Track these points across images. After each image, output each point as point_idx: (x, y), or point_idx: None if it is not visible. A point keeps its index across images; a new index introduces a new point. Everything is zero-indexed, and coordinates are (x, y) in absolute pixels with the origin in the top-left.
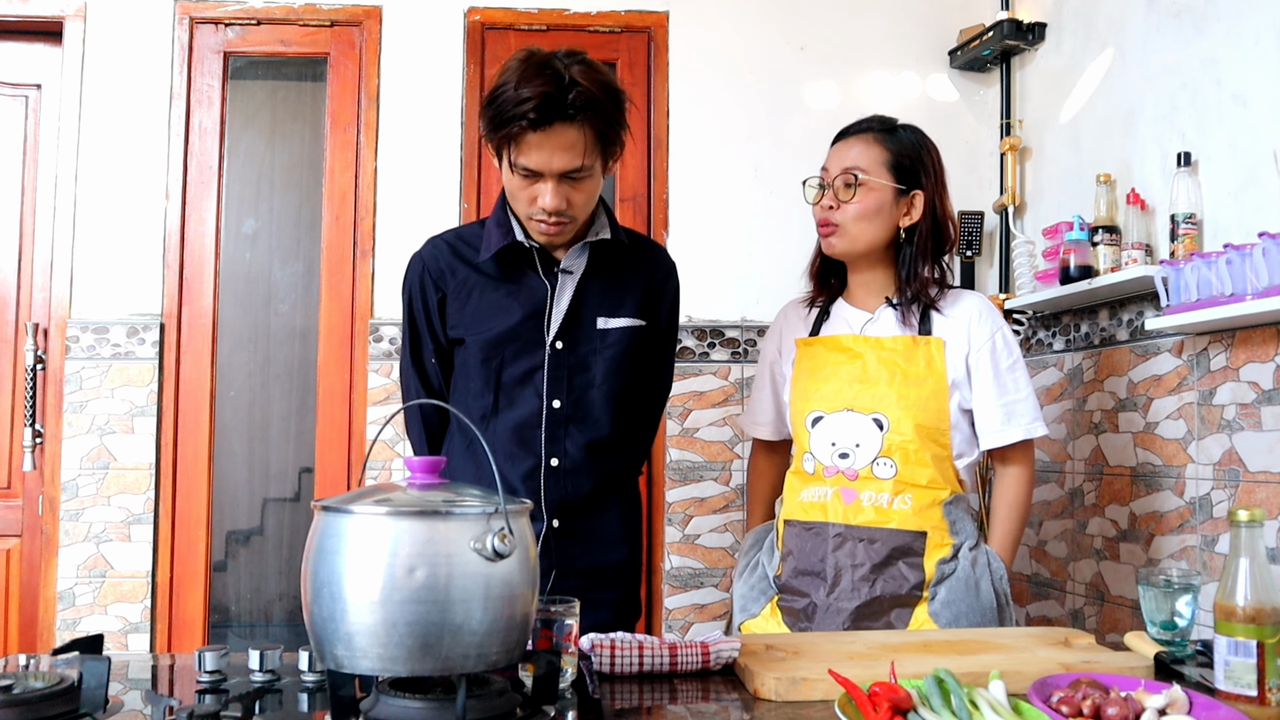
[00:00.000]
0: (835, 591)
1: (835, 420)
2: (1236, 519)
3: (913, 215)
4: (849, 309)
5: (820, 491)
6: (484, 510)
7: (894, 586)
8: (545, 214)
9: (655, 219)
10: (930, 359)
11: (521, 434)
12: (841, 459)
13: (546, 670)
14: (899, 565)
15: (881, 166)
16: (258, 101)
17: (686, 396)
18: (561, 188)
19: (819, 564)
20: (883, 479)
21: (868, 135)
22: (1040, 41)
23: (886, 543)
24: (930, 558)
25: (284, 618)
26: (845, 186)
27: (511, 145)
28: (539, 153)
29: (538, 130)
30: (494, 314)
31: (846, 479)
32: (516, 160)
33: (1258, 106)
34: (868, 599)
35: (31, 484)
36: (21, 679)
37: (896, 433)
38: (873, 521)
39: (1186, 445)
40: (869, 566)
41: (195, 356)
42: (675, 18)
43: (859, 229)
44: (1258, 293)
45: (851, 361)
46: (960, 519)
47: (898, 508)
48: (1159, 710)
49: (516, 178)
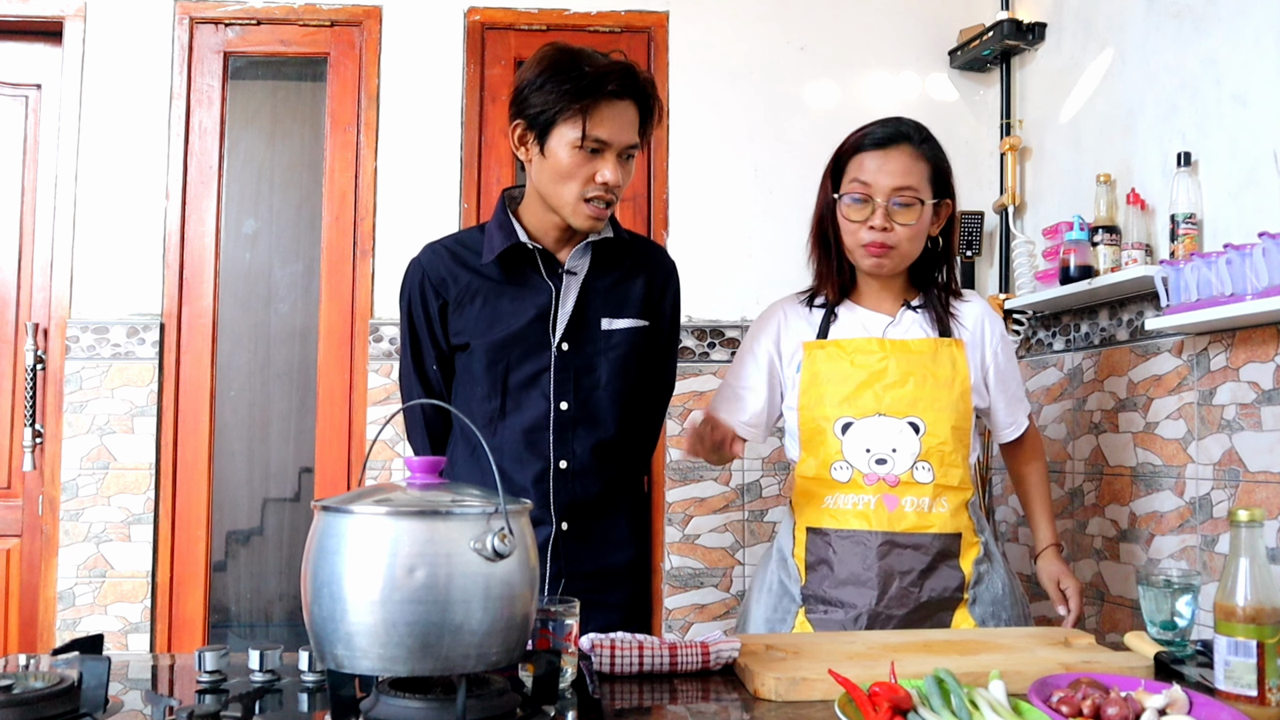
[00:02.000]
0: (885, 600)
1: (867, 426)
2: (1236, 519)
3: (941, 223)
4: (865, 312)
5: (860, 499)
6: (484, 510)
7: (939, 590)
8: (606, 190)
9: (655, 219)
10: (955, 360)
11: (530, 437)
12: (879, 465)
13: (546, 670)
14: (942, 569)
15: (927, 182)
16: (258, 101)
17: (686, 396)
18: (619, 164)
19: (864, 572)
20: (923, 484)
21: (908, 148)
22: (1040, 41)
23: (931, 548)
24: (966, 558)
25: (284, 618)
26: (905, 208)
27: (587, 115)
28: (612, 124)
29: (615, 101)
30: (499, 318)
31: (888, 485)
32: (590, 131)
33: (1258, 106)
34: (915, 605)
35: (31, 484)
36: (21, 679)
37: (933, 436)
38: (915, 527)
39: (1186, 445)
40: (917, 573)
41: (195, 356)
42: (675, 18)
43: (910, 249)
44: (1258, 293)
45: (878, 366)
46: (979, 517)
47: (937, 511)
48: (1159, 710)
49: (578, 154)
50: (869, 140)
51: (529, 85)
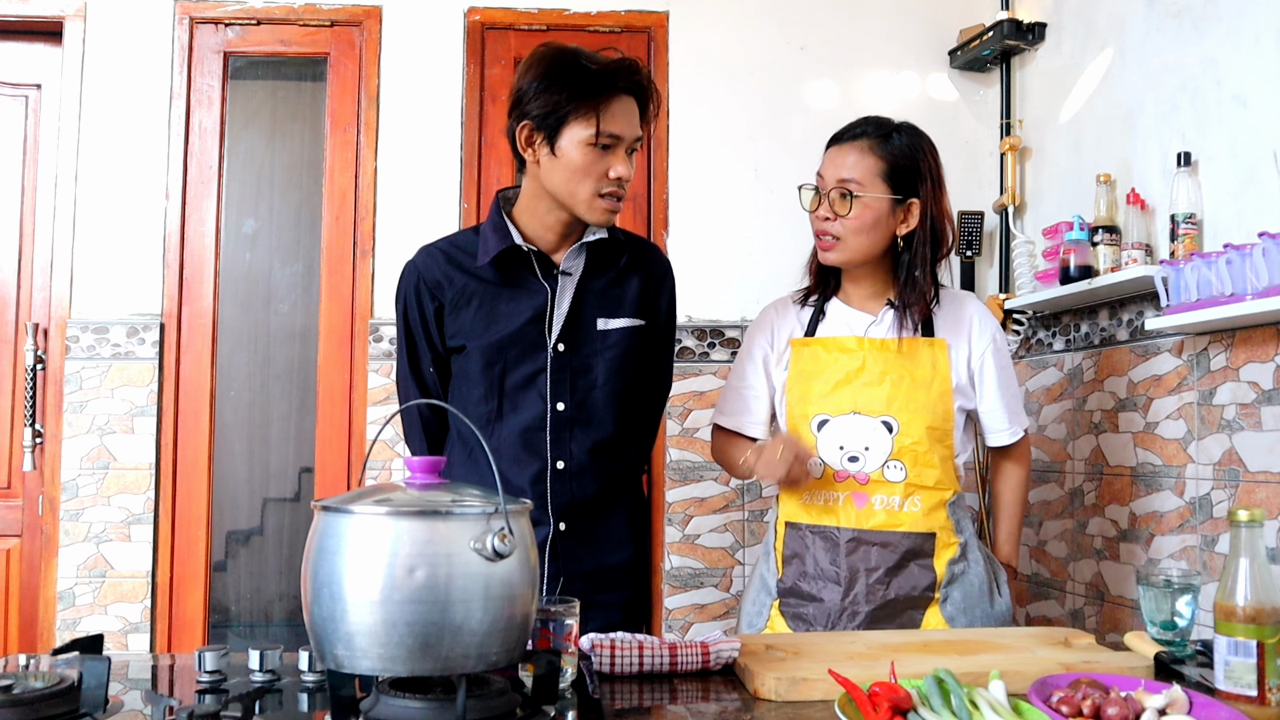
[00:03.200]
0: (850, 595)
1: (842, 423)
2: (1236, 519)
3: (909, 223)
4: (849, 310)
5: (830, 496)
6: (484, 510)
7: (907, 589)
8: (619, 184)
9: (655, 219)
10: (935, 361)
11: (527, 438)
12: (851, 462)
13: (546, 670)
14: (911, 567)
15: (877, 177)
16: (258, 101)
17: (686, 396)
18: (628, 158)
19: (831, 568)
20: (894, 482)
21: (862, 143)
22: (1040, 41)
23: (899, 546)
24: (940, 558)
25: (284, 618)
26: (841, 198)
27: (600, 112)
28: (624, 119)
29: (625, 97)
30: (495, 319)
31: (858, 483)
32: (604, 128)
33: (1258, 106)
34: (882, 602)
35: (31, 484)
36: (21, 679)
37: (907, 435)
38: (885, 525)
39: (1186, 445)
40: (883, 570)
41: (195, 356)
42: (675, 18)
43: (856, 242)
44: (1258, 293)
45: (855, 364)
46: (962, 517)
47: (908, 510)
48: (1159, 710)
49: (591, 151)
50: (833, 136)
51: (533, 86)
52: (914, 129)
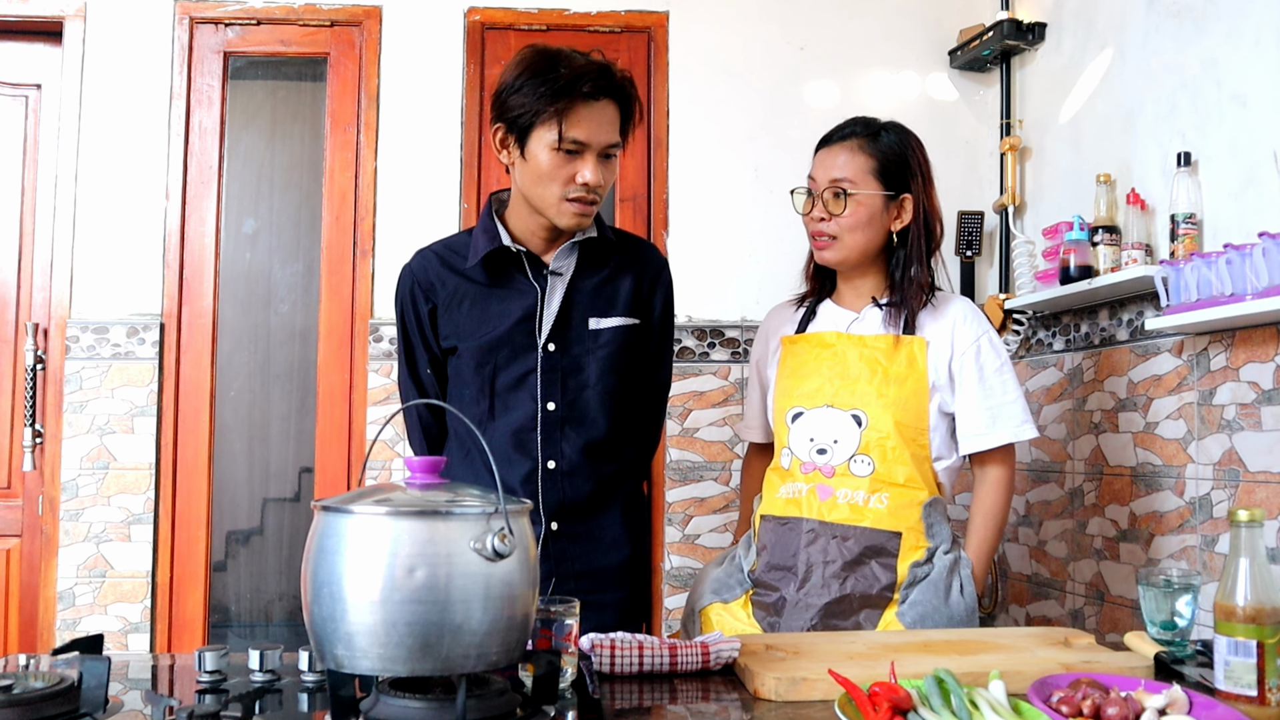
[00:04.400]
0: (805, 587)
1: (815, 416)
2: (1236, 519)
3: (903, 218)
4: (835, 309)
5: (796, 487)
6: (484, 510)
7: (865, 586)
8: (586, 190)
9: (655, 219)
10: (912, 358)
11: (518, 438)
12: (819, 455)
13: (546, 670)
14: (871, 565)
15: (868, 175)
16: (258, 101)
17: (686, 396)
18: (599, 164)
19: (791, 559)
20: (859, 476)
21: (851, 142)
22: (1040, 41)
23: (859, 541)
24: (904, 559)
25: (284, 618)
26: (834, 198)
27: (563, 118)
28: (589, 125)
29: (592, 102)
30: (485, 320)
31: (823, 475)
32: (567, 133)
33: (1258, 106)
34: (837, 596)
35: (31, 484)
36: (21, 679)
37: (875, 430)
38: (847, 519)
39: (1186, 445)
40: (840, 564)
41: (195, 356)
42: (675, 18)
43: (852, 239)
44: (1258, 293)
45: (834, 358)
46: (938, 523)
47: (873, 506)
48: (1159, 710)
49: (557, 156)
50: (822, 139)
51: (507, 88)
52: (901, 127)
